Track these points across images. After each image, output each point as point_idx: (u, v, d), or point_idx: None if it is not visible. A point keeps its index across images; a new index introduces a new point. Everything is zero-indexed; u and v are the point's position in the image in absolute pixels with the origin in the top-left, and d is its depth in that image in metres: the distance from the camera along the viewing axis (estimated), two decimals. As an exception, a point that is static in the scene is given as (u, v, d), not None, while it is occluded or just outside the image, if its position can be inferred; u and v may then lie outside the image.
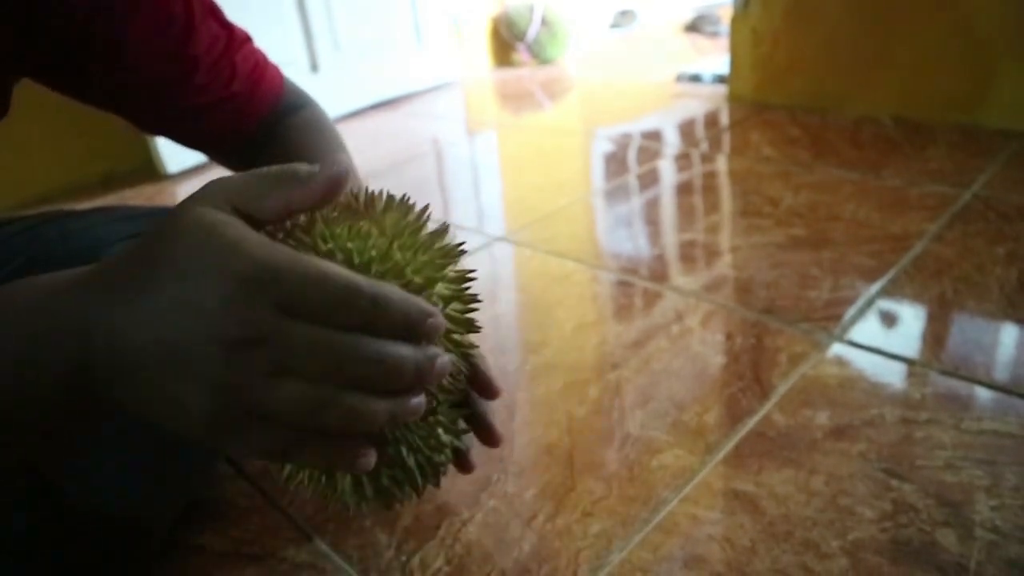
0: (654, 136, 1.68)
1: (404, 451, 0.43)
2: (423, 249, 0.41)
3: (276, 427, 0.33)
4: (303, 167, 0.37)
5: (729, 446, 0.68)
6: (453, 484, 0.67)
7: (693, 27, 2.89)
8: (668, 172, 1.43)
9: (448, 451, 0.48)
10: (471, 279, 0.44)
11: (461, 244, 0.44)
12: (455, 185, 1.55)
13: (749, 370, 0.78)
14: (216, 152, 0.74)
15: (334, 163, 0.37)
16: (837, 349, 0.80)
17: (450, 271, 0.43)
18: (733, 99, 1.84)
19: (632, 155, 1.55)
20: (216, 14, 0.65)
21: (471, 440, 0.57)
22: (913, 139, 1.43)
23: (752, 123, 1.65)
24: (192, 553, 0.62)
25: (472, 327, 0.45)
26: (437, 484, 0.49)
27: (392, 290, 0.34)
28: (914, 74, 1.52)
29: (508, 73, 2.59)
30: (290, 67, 2.02)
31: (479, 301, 0.45)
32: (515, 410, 0.77)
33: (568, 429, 0.73)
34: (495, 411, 0.56)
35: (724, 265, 1.01)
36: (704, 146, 1.55)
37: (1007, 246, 0.97)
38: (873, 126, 1.54)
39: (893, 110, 1.57)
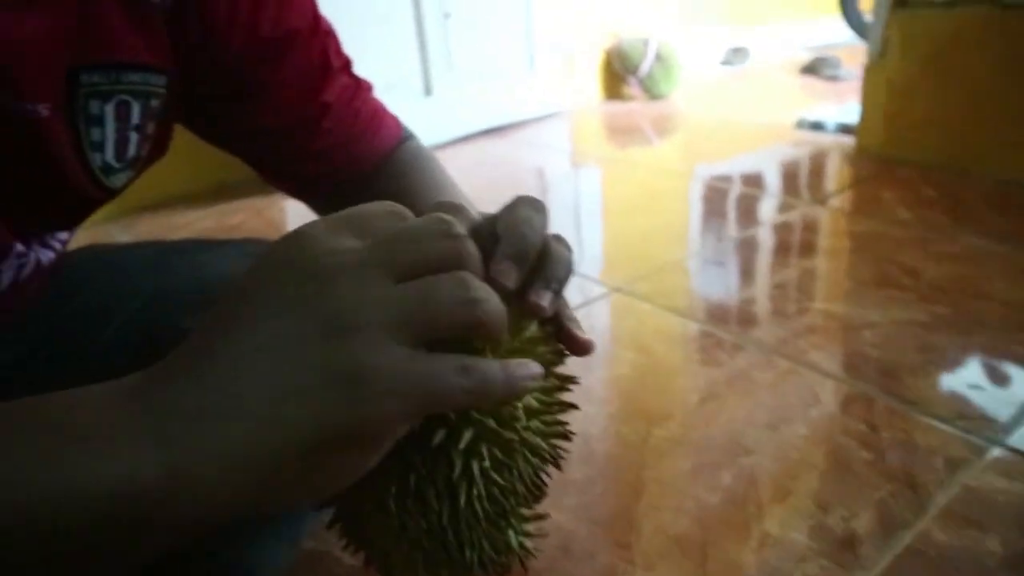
0: (773, 187, 1.61)
1: (468, 552, 0.38)
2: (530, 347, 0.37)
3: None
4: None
5: (884, 563, 0.61)
6: (577, 569, 0.62)
7: (811, 69, 2.79)
8: (791, 229, 1.36)
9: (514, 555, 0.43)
10: (566, 388, 0.40)
11: (573, 379, 0.40)
12: (559, 224, 1.52)
13: (901, 472, 0.71)
14: (325, 199, 0.73)
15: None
16: (999, 455, 0.72)
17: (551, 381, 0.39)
18: (860, 152, 1.74)
19: (749, 206, 1.49)
20: (348, 67, 0.67)
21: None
22: (1067, 212, 1.32)
23: (882, 180, 1.56)
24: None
25: (555, 444, 0.40)
26: None
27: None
28: (1071, 140, 1.41)
29: (617, 106, 2.55)
30: (404, 89, 2.04)
31: (572, 407, 0.40)
32: (641, 490, 0.72)
33: (699, 519, 0.68)
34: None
35: (862, 342, 0.94)
36: (830, 202, 1.47)
37: None
38: (1020, 191, 1.43)
39: (1042, 177, 1.46)
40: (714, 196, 1.57)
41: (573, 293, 1.15)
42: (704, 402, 0.85)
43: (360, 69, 0.68)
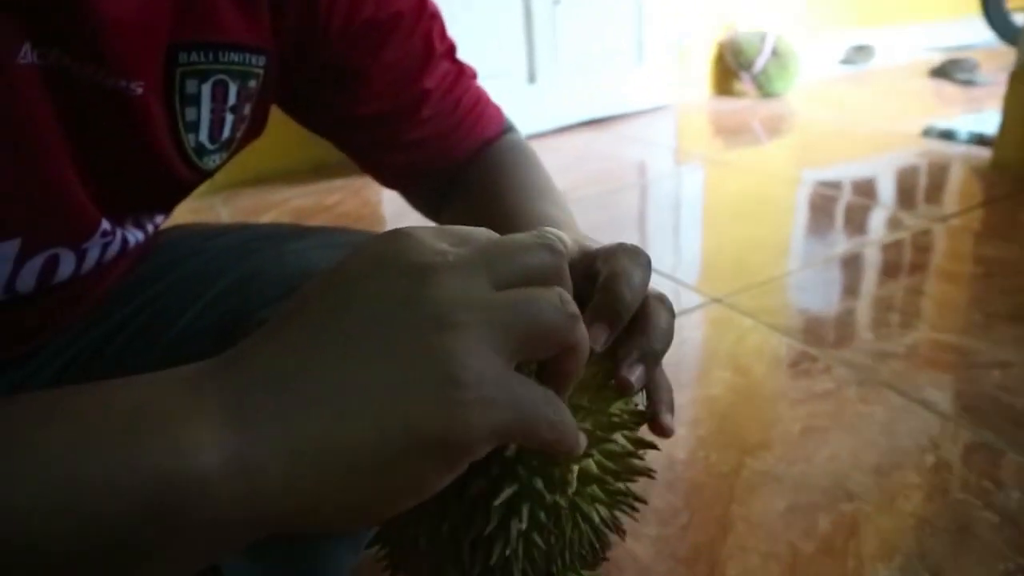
0: (891, 199, 1.49)
1: None
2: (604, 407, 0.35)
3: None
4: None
5: (1006, 646, 0.54)
6: (653, 613, 0.58)
7: (942, 72, 2.59)
8: (911, 248, 1.25)
9: None
10: (638, 456, 0.36)
11: (651, 445, 0.37)
12: (658, 226, 1.46)
13: (1030, 540, 0.63)
14: (418, 189, 0.71)
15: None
16: None
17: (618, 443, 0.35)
18: (995, 167, 1.60)
19: (865, 219, 1.38)
20: (452, 52, 0.64)
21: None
22: None
23: (1020, 200, 1.42)
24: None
25: (617, 513, 0.36)
26: None
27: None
28: None
29: (727, 103, 2.44)
30: (508, 77, 2.01)
31: (645, 474, 0.36)
32: (728, 527, 0.67)
33: (792, 567, 0.62)
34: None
35: (990, 383, 0.85)
36: (956, 220, 1.35)
37: None
38: None
39: None
40: (825, 205, 1.47)
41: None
42: (805, 434, 0.78)
43: (464, 55, 0.66)
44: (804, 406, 0.83)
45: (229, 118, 0.52)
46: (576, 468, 0.33)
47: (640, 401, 0.40)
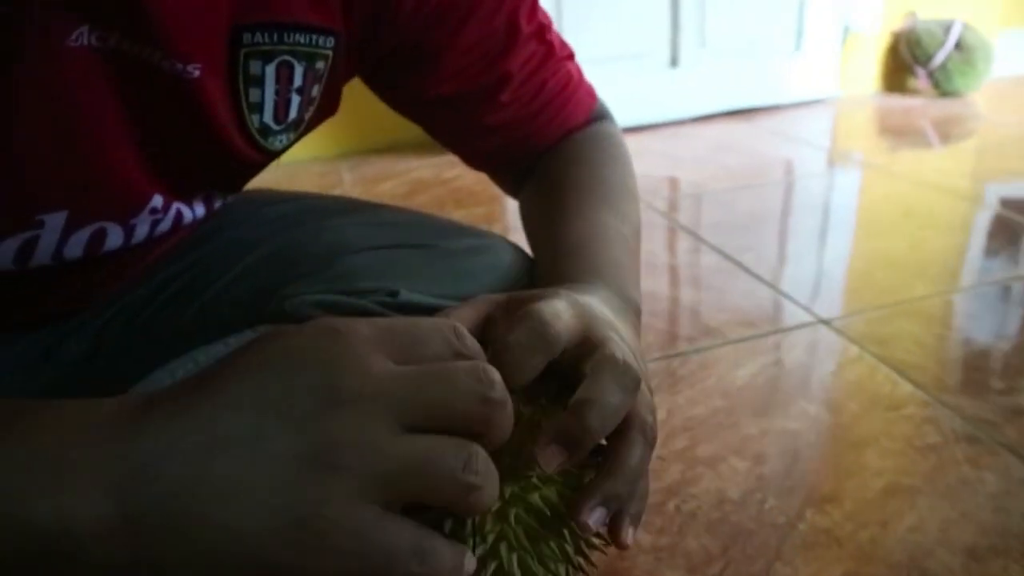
0: (1079, 224, 1.26)
1: None
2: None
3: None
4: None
5: None
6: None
7: None
8: (1089, 284, 1.05)
9: None
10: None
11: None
12: (796, 231, 1.32)
13: None
14: (498, 174, 0.70)
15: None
16: None
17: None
18: None
19: (1038, 245, 1.18)
20: (542, 32, 0.61)
21: None
22: None
23: None
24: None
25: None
26: None
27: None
28: None
29: (896, 100, 2.19)
30: (647, 59, 1.91)
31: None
32: (765, 590, 0.57)
33: (830, 653, 0.52)
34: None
35: None
36: None
37: None
38: None
39: None
40: (1000, 229, 1.27)
41: (766, 313, 0.98)
42: (888, 493, 0.66)
43: (606, 35, 0.62)
44: (896, 459, 0.71)
45: (295, 99, 0.51)
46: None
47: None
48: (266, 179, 0.71)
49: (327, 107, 0.57)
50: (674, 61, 1.93)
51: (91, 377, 0.62)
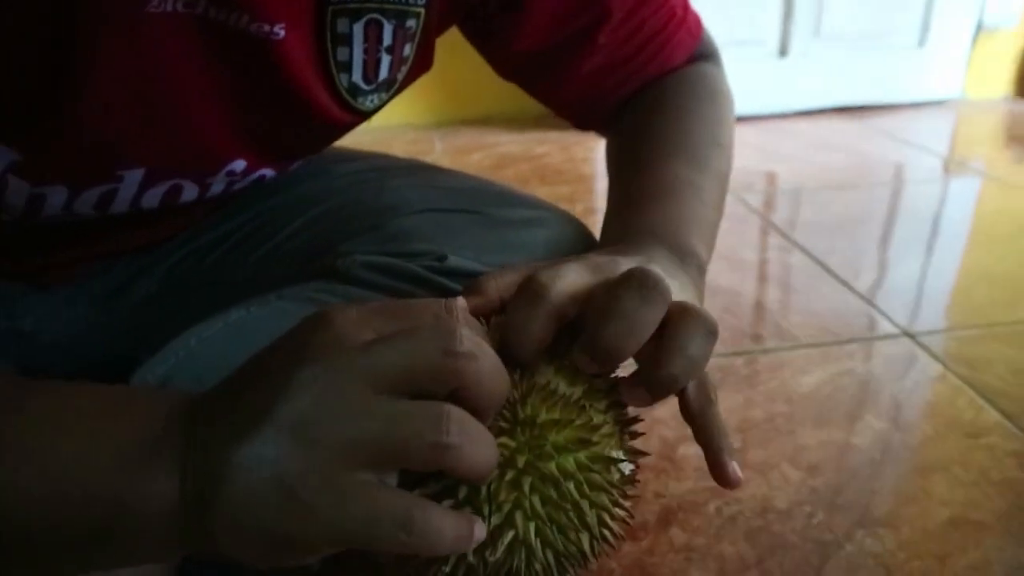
0: None
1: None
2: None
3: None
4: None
5: None
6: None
7: None
8: None
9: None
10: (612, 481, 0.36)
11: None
12: (896, 238, 1.23)
13: None
14: (586, 121, 0.69)
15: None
16: None
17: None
18: None
19: None
20: None
21: None
22: None
23: None
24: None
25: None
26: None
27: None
28: None
29: (1030, 108, 2.02)
30: (755, 47, 1.83)
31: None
32: (797, 608, 0.54)
33: None
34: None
35: None
36: None
37: None
38: None
39: None
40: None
41: (847, 320, 0.92)
42: (952, 525, 0.61)
43: (711, 18, 0.61)
44: (967, 490, 0.65)
45: (385, 58, 0.50)
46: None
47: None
48: (360, 142, 0.72)
49: (421, 64, 0.56)
50: (783, 51, 1.84)
51: (157, 316, 0.64)
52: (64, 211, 0.48)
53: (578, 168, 1.64)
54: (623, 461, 0.38)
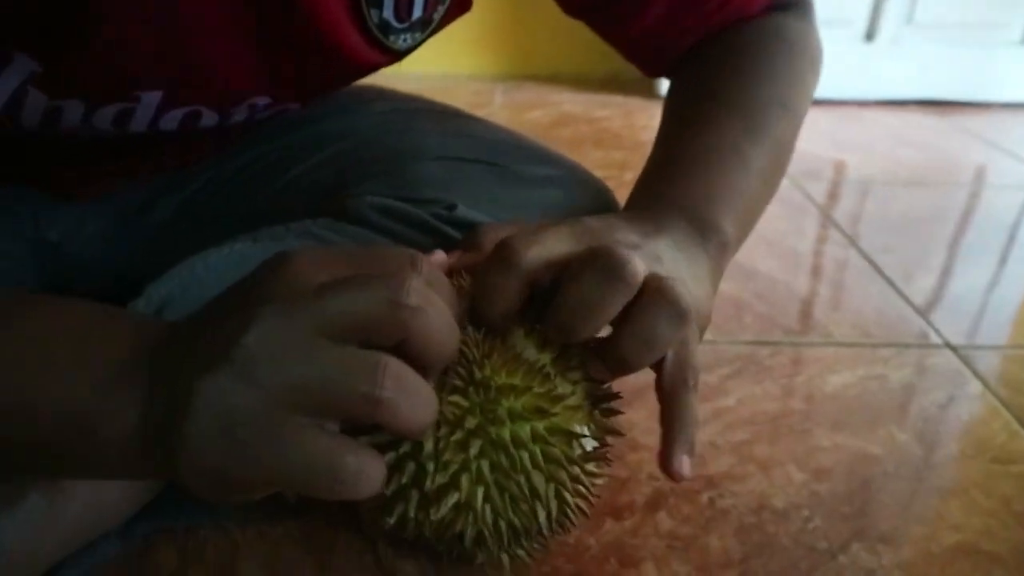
0: None
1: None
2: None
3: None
4: None
5: None
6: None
7: None
8: None
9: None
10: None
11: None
12: (959, 243, 1.16)
13: None
14: (653, 68, 0.66)
15: None
16: None
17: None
18: None
19: None
20: None
21: None
22: None
23: None
24: None
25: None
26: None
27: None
28: None
29: None
30: (841, 28, 1.73)
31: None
32: (774, 613, 0.52)
33: None
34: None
35: None
36: None
37: None
38: None
39: None
40: None
41: (888, 322, 0.87)
42: (960, 553, 0.57)
43: None
44: (984, 518, 0.61)
45: None
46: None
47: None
48: (419, 88, 0.70)
49: (460, 3, 0.54)
50: (870, 35, 1.73)
51: (173, 239, 0.64)
52: (83, 124, 0.48)
53: (636, 135, 1.59)
54: (586, 436, 0.36)
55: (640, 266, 0.33)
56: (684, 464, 0.36)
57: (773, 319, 0.87)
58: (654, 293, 0.33)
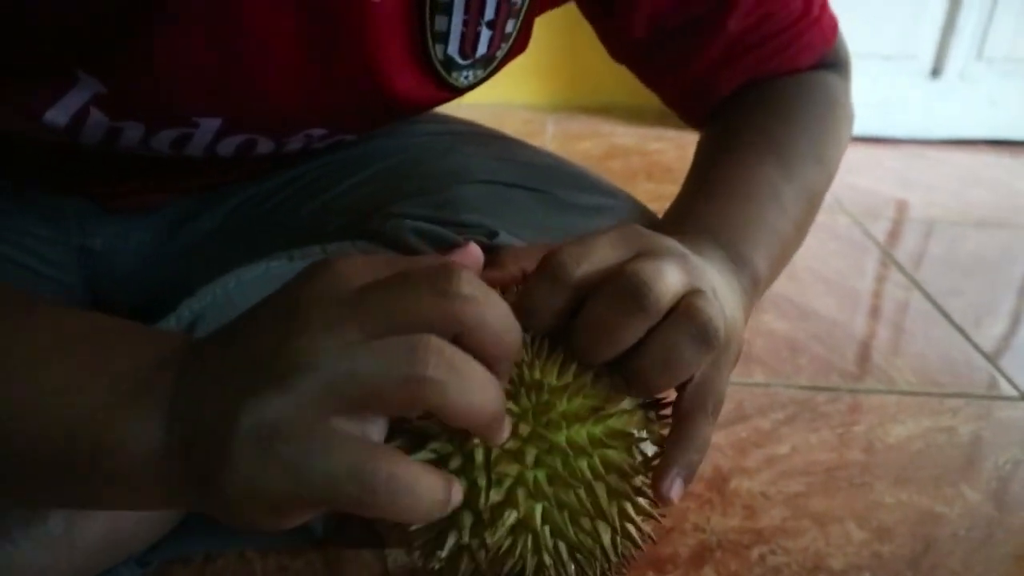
0: None
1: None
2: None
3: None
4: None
5: None
6: None
7: None
8: None
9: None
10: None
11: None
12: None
13: None
14: (692, 116, 0.66)
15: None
16: None
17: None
18: None
19: None
20: None
21: None
22: None
23: None
24: None
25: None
26: None
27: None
28: None
29: None
30: (905, 62, 1.67)
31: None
32: None
33: None
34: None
35: None
36: None
37: None
38: None
39: None
40: None
41: (956, 370, 0.82)
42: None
43: (859, 27, 0.57)
44: (1065, 588, 0.55)
45: (485, 33, 0.48)
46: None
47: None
48: (471, 116, 0.69)
49: (521, 43, 0.54)
50: (936, 71, 1.68)
51: (214, 252, 0.64)
52: (141, 145, 0.49)
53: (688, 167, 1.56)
54: (644, 440, 0.33)
55: (666, 290, 0.31)
56: (676, 488, 0.32)
57: (830, 362, 0.83)
58: (682, 315, 0.31)
